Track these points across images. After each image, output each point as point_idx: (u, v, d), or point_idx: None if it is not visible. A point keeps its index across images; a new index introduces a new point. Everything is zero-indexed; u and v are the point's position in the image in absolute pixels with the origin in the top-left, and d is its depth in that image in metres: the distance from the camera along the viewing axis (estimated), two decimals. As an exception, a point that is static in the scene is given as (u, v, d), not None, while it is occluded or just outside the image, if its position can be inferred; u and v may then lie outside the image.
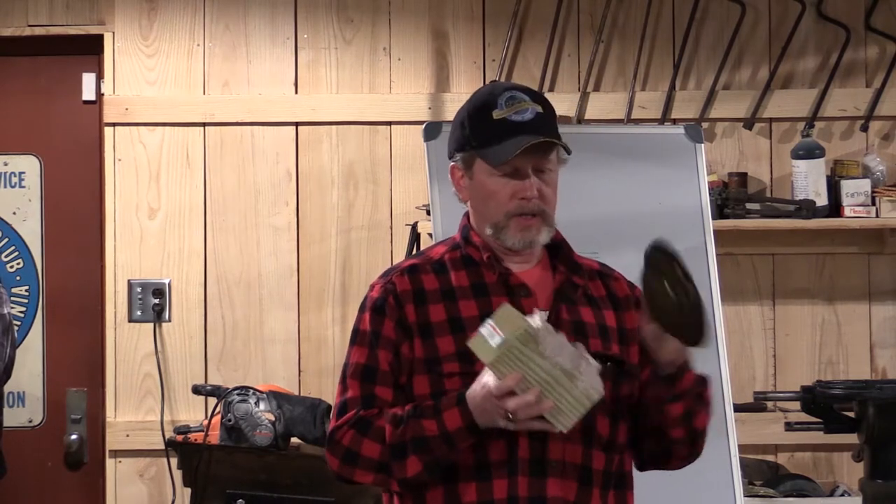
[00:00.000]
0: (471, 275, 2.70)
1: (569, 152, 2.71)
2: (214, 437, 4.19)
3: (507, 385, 2.48)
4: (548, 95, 4.82)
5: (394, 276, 2.73)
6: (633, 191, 4.03)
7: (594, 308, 2.72)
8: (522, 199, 2.66)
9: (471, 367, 2.57)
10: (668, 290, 2.58)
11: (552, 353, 2.49)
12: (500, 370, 2.49)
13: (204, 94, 4.90)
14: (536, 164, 2.67)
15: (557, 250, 2.76)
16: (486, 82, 4.87)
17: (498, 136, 2.67)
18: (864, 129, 4.88)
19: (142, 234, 4.86)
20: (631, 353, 2.73)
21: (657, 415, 2.68)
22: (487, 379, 2.52)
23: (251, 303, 4.86)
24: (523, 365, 2.48)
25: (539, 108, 2.70)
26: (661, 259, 2.60)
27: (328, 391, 4.53)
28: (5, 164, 4.94)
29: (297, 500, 4.16)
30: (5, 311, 4.19)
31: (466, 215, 2.79)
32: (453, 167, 2.76)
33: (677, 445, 2.72)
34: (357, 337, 2.72)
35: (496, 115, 2.68)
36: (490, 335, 2.49)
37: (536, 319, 2.52)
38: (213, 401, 4.28)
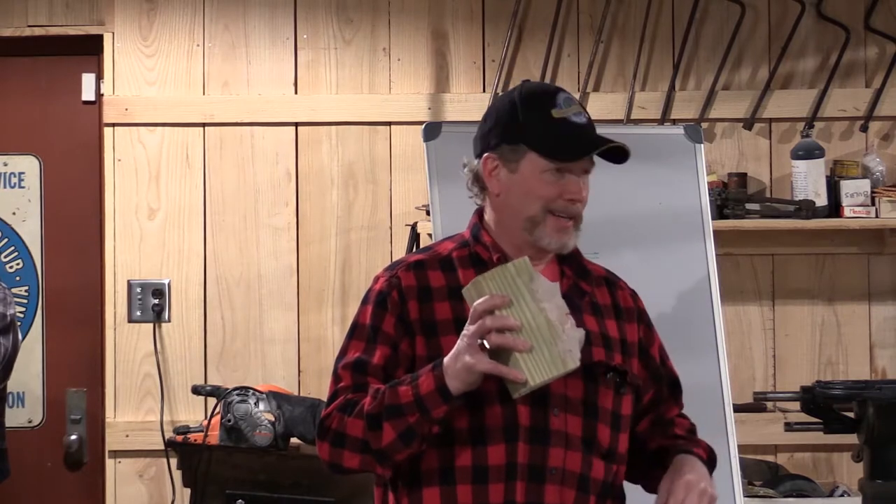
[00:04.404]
0: (479, 274, 2.67)
1: (624, 160, 2.69)
2: (214, 437, 4.19)
3: (492, 302, 2.44)
4: (547, 95, 4.86)
5: (399, 270, 2.70)
6: (632, 191, 4.03)
7: (598, 317, 2.71)
8: (569, 200, 2.64)
9: None
10: None
11: (543, 298, 2.44)
12: (490, 290, 2.44)
13: (204, 94, 4.90)
14: (586, 167, 2.67)
15: (566, 254, 2.73)
16: (486, 83, 4.88)
17: (559, 135, 2.64)
18: (864, 129, 4.88)
19: (141, 235, 4.86)
20: (632, 365, 2.72)
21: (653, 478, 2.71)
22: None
23: (251, 303, 4.86)
24: (513, 295, 2.43)
25: (588, 115, 2.70)
26: None
27: (327, 391, 4.52)
28: (5, 165, 4.94)
29: (297, 500, 4.16)
30: (9, 312, 4.19)
31: (478, 213, 2.76)
32: (487, 158, 2.69)
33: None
34: (356, 330, 2.69)
35: (556, 113, 2.65)
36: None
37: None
38: (212, 401, 4.28)
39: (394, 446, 2.55)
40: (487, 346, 2.45)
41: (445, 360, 2.50)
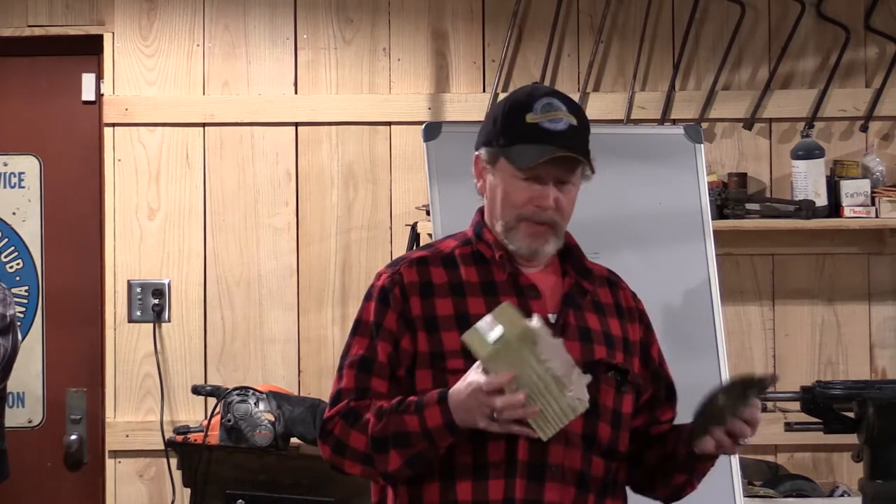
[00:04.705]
0: (481, 272, 2.69)
1: (593, 171, 2.68)
2: (214, 437, 4.19)
3: (499, 382, 2.45)
4: (547, 96, 4.85)
5: (402, 266, 2.71)
6: (632, 191, 4.03)
7: (600, 315, 2.72)
8: (538, 207, 2.64)
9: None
10: (724, 397, 2.59)
11: (547, 357, 2.46)
12: (495, 366, 2.45)
13: (204, 94, 4.90)
14: (559, 175, 2.65)
15: (568, 254, 2.75)
16: (486, 83, 4.88)
17: (526, 140, 2.64)
18: (864, 129, 4.88)
19: (141, 235, 4.86)
20: (634, 363, 2.73)
21: (654, 466, 2.73)
22: (475, 377, 2.49)
23: (251, 303, 4.86)
24: (517, 365, 2.45)
25: (573, 121, 2.66)
26: (748, 387, 2.61)
27: (328, 391, 4.48)
28: (5, 165, 4.94)
29: (297, 500, 4.16)
30: (9, 313, 4.18)
31: (480, 211, 2.78)
32: (477, 157, 2.73)
33: (657, 495, 2.79)
34: (359, 327, 2.71)
35: (529, 118, 2.65)
36: (487, 330, 2.46)
37: (535, 321, 2.50)
38: (212, 401, 4.28)
39: (401, 471, 2.59)
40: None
41: (452, 397, 2.52)
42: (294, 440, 4.23)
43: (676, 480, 2.73)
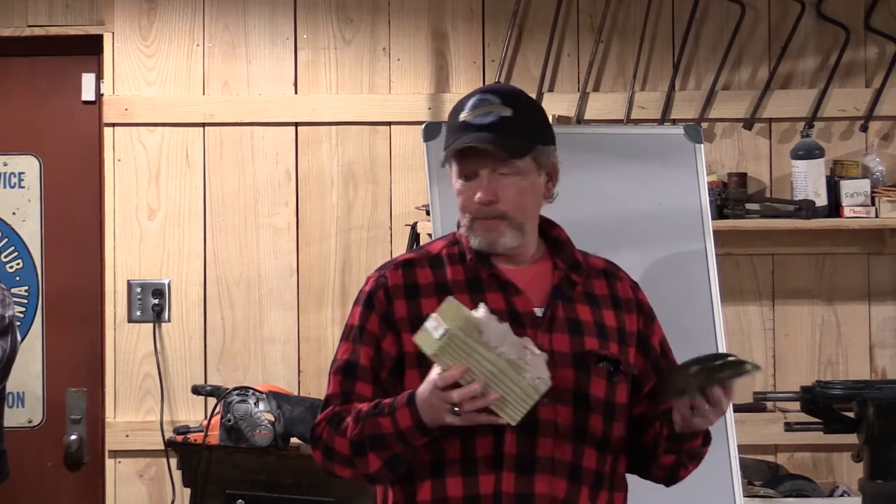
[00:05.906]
0: (466, 269, 2.71)
1: (517, 155, 2.63)
2: (214, 437, 4.19)
3: (451, 375, 2.45)
4: (547, 96, 4.86)
5: (387, 270, 2.74)
6: (632, 191, 4.03)
7: (593, 306, 2.72)
8: (478, 203, 2.65)
9: None
10: (697, 369, 2.59)
11: (496, 343, 2.47)
12: (445, 361, 2.46)
13: (203, 94, 4.90)
14: (493, 167, 2.64)
15: (559, 248, 2.76)
16: (486, 82, 4.87)
17: (455, 139, 2.66)
18: (864, 129, 4.88)
19: (141, 235, 4.86)
20: (629, 354, 2.73)
21: (650, 446, 2.72)
22: (432, 375, 2.50)
23: (251, 303, 4.86)
24: (467, 356, 2.45)
25: (508, 112, 2.65)
26: (721, 369, 2.61)
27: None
28: (5, 165, 4.94)
29: (297, 500, 4.16)
30: (8, 314, 4.18)
31: None
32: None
33: (654, 477, 2.79)
34: (346, 332, 2.76)
35: (462, 117, 2.68)
36: (434, 328, 2.46)
37: (480, 311, 2.50)
38: (212, 401, 4.28)
39: (381, 472, 2.61)
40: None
41: (418, 397, 2.53)
42: (294, 440, 4.23)
43: (665, 461, 2.72)
